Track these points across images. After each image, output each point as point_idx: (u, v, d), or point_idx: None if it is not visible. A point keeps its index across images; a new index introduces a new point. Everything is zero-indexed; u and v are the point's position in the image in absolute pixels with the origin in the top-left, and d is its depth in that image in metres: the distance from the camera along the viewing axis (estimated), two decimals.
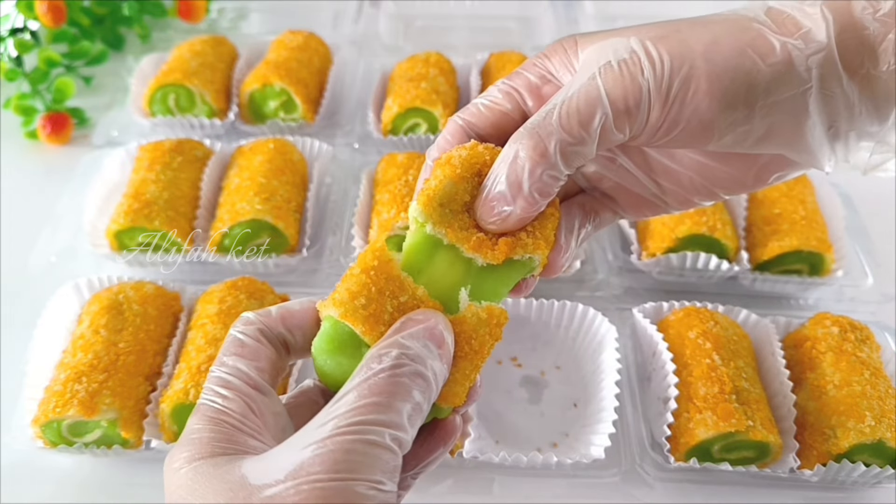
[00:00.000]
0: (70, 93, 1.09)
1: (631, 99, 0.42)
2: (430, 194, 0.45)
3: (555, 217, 0.47)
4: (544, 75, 0.47)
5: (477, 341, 0.42)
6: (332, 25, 1.30)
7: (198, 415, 0.40)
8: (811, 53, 0.42)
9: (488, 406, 0.75)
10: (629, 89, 0.42)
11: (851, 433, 0.65)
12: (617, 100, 0.42)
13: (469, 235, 0.45)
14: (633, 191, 0.51)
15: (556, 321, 0.80)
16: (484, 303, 0.43)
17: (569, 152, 0.42)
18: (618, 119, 0.42)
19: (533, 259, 0.45)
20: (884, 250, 0.89)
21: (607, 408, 0.69)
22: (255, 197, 0.84)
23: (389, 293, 0.42)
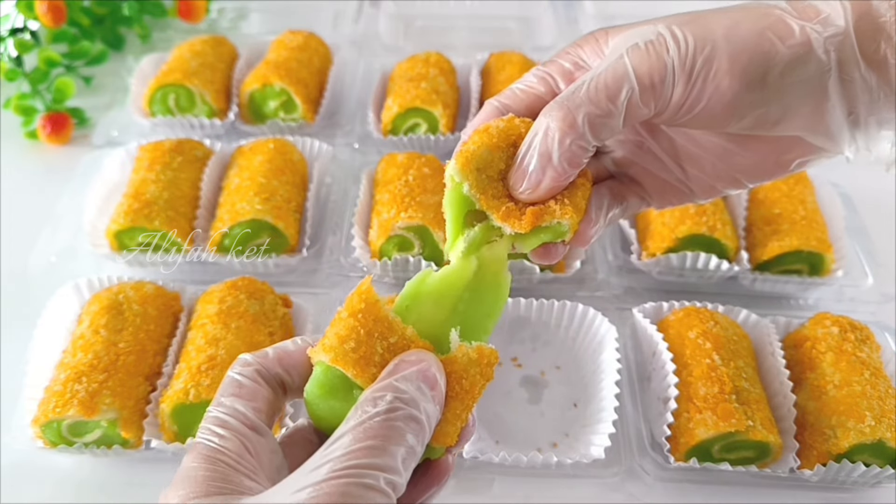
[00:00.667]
0: (70, 93, 1.09)
1: (656, 75, 0.44)
2: (467, 156, 0.46)
3: (586, 187, 0.48)
4: (577, 62, 0.50)
5: (468, 381, 0.42)
6: (332, 25, 1.30)
7: (193, 453, 0.40)
8: (829, 36, 0.43)
9: (488, 406, 0.75)
10: (655, 66, 0.44)
11: (851, 433, 0.65)
12: (643, 75, 0.44)
13: (500, 204, 0.46)
14: (659, 176, 0.53)
15: (556, 321, 0.80)
16: (474, 343, 0.43)
17: (597, 124, 0.44)
18: (644, 93, 0.44)
19: (562, 224, 0.46)
20: (884, 250, 0.89)
21: (607, 408, 0.69)
22: (255, 197, 0.84)
23: (379, 335, 0.42)
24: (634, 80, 0.44)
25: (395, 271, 0.82)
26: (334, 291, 0.84)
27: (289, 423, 0.68)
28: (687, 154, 0.51)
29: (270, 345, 0.70)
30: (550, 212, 0.46)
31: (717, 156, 0.50)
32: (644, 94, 0.44)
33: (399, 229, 0.81)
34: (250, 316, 0.72)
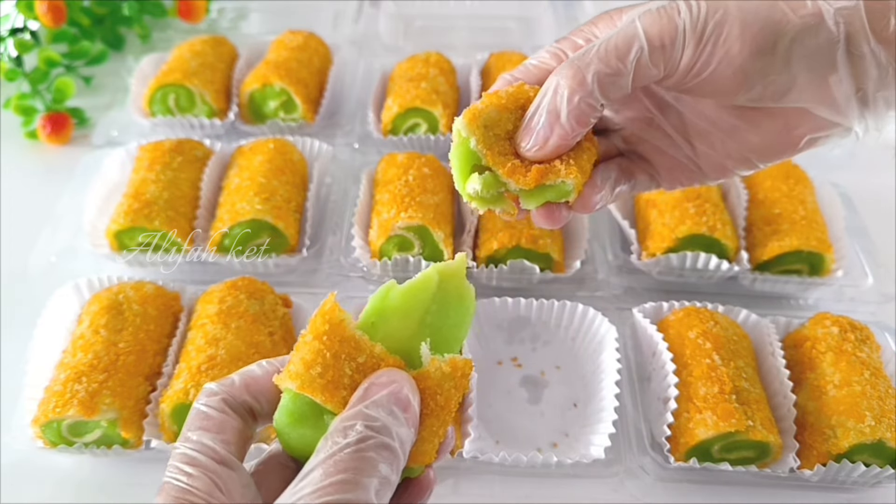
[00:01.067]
0: (70, 93, 1.09)
1: (666, 36, 0.44)
2: (475, 112, 0.47)
3: (591, 151, 0.49)
4: (589, 38, 0.50)
5: (443, 396, 0.40)
6: (332, 25, 1.30)
7: (163, 494, 0.38)
8: (840, 8, 0.43)
9: (488, 406, 0.75)
10: (665, 27, 0.44)
11: (851, 433, 0.65)
12: (653, 36, 0.45)
13: (505, 161, 0.47)
14: (668, 153, 0.53)
15: (556, 321, 0.80)
16: (447, 356, 0.41)
17: (606, 82, 0.45)
18: (653, 53, 0.45)
19: (566, 183, 0.47)
20: (884, 250, 0.89)
21: (607, 408, 0.69)
22: (255, 197, 0.84)
23: (346, 356, 0.40)
24: (644, 39, 0.44)
25: (395, 271, 0.82)
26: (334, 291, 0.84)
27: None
28: (696, 130, 0.51)
29: (271, 345, 0.71)
30: (555, 171, 0.47)
31: (727, 132, 0.50)
32: (654, 53, 0.45)
33: (399, 229, 0.81)
34: (250, 316, 0.72)
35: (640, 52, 0.44)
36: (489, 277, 0.83)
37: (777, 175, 0.90)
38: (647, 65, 0.45)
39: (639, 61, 0.45)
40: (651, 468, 0.69)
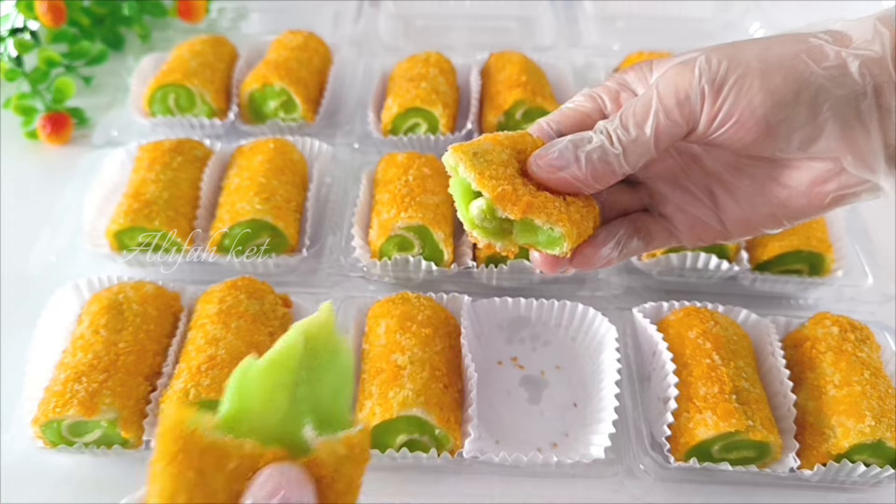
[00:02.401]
0: (70, 93, 1.08)
1: (682, 92, 0.45)
2: (463, 145, 0.47)
3: (591, 211, 0.49)
4: (623, 84, 0.52)
5: (343, 483, 0.35)
6: (332, 25, 1.30)
7: None
8: (865, 59, 0.44)
9: (489, 406, 0.75)
10: (680, 84, 0.46)
11: (851, 433, 0.65)
12: (667, 95, 0.46)
13: (496, 185, 0.46)
14: (690, 212, 0.54)
15: (556, 321, 0.80)
16: (338, 434, 0.35)
17: (629, 148, 0.46)
18: (670, 113, 0.46)
19: (553, 230, 0.46)
20: (884, 250, 0.89)
21: (607, 408, 0.69)
22: (255, 197, 0.84)
23: (212, 469, 0.33)
24: (658, 101, 0.46)
25: (395, 271, 0.82)
26: (334, 291, 0.84)
27: None
28: (722, 184, 0.52)
29: (271, 344, 0.70)
30: (546, 210, 0.46)
31: (754, 186, 0.50)
32: (671, 113, 0.46)
33: (399, 229, 0.81)
34: (250, 316, 0.72)
35: (658, 116, 0.46)
36: (489, 277, 0.83)
37: None
38: (668, 125, 0.46)
39: (658, 123, 0.46)
40: (651, 468, 0.69)
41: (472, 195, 0.48)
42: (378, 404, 0.65)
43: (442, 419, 0.65)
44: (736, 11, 1.34)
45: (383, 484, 0.69)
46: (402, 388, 0.65)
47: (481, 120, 1.03)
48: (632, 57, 1.13)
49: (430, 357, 0.69)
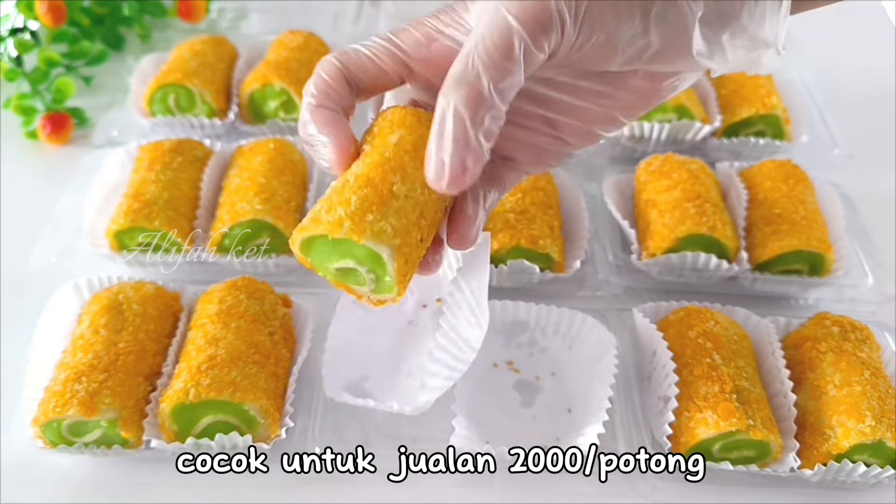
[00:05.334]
0: (70, 93, 1.08)
1: (542, 16, 0.42)
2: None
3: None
4: (430, 33, 0.49)
5: None
6: (332, 25, 1.30)
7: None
8: None
9: (480, 407, 0.74)
10: (536, 9, 0.42)
11: (852, 433, 0.65)
12: (528, 21, 0.42)
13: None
14: (531, 143, 0.52)
15: (555, 328, 0.79)
16: None
17: (503, 87, 0.42)
18: (535, 39, 0.42)
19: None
20: (884, 250, 0.89)
21: (600, 413, 0.69)
22: (255, 197, 0.84)
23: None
24: (521, 28, 0.42)
25: None
26: (334, 291, 0.84)
27: (288, 422, 0.68)
28: (560, 108, 0.50)
29: (271, 345, 0.71)
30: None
31: (593, 100, 0.50)
32: (536, 39, 0.42)
33: None
34: (250, 316, 0.72)
35: (523, 43, 0.42)
36: (490, 277, 0.83)
37: (777, 175, 0.90)
38: (532, 52, 0.42)
39: (525, 51, 0.42)
40: (651, 468, 0.69)
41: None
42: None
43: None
44: None
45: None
46: None
47: None
48: None
49: None
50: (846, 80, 1.10)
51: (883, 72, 1.21)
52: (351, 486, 0.68)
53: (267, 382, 0.68)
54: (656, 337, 0.73)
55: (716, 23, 0.46)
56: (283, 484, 0.68)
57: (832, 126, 1.06)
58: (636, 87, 0.49)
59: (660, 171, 0.90)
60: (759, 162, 0.94)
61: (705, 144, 1.01)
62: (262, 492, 0.68)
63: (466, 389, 0.73)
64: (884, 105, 1.16)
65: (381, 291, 0.49)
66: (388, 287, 0.48)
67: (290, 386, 0.71)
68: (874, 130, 1.12)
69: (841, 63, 1.22)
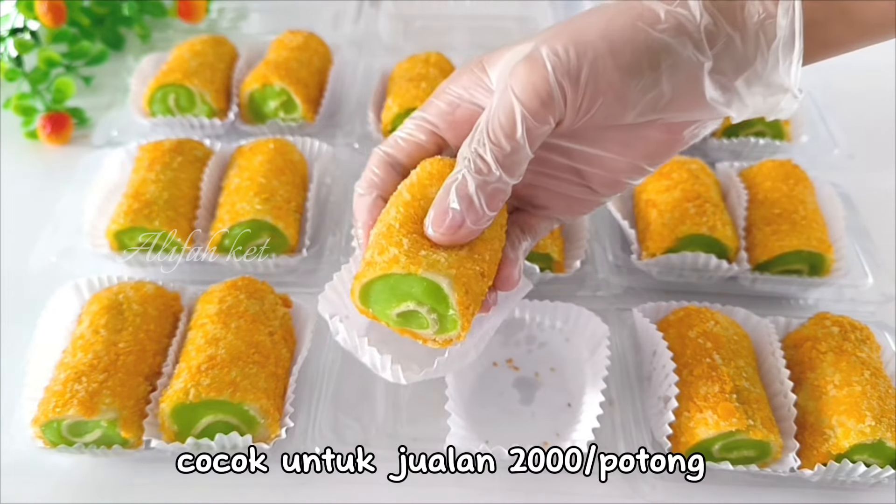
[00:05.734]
0: (70, 93, 1.08)
1: (542, 91, 0.46)
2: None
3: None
4: (453, 101, 0.53)
5: None
6: (332, 25, 1.30)
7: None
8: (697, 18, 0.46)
9: (480, 407, 0.74)
10: (537, 83, 0.46)
11: (852, 433, 0.65)
12: (529, 98, 0.46)
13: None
14: (562, 193, 0.55)
15: (551, 322, 0.79)
16: None
17: (507, 163, 0.47)
18: (536, 115, 0.46)
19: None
20: (884, 250, 0.89)
21: (597, 407, 0.69)
22: (255, 197, 0.84)
23: None
24: (521, 106, 0.46)
25: None
26: None
27: (288, 422, 0.68)
28: (585, 160, 0.54)
29: (271, 345, 0.71)
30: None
31: (616, 151, 0.52)
32: (537, 114, 0.46)
33: None
34: (250, 316, 0.72)
35: (526, 121, 0.46)
36: None
37: (777, 175, 0.90)
38: (536, 126, 0.46)
39: (527, 128, 0.46)
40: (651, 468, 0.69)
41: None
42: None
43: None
44: None
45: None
46: None
47: None
48: None
49: None
50: (846, 80, 1.09)
51: (883, 71, 1.21)
52: (351, 486, 0.68)
53: (267, 382, 0.68)
54: (656, 337, 0.73)
55: (730, 70, 0.47)
56: (283, 484, 0.68)
57: (832, 126, 1.06)
58: (655, 138, 0.51)
59: (659, 171, 0.89)
60: (759, 162, 0.94)
61: (705, 144, 1.01)
62: (262, 492, 0.68)
63: (466, 389, 0.73)
64: (884, 105, 1.16)
65: (446, 330, 0.52)
66: (452, 323, 0.50)
67: (290, 386, 0.71)
68: (874, 130, 1.12)
69: (841, 63, 1.22)
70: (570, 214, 0.57)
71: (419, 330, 0.53)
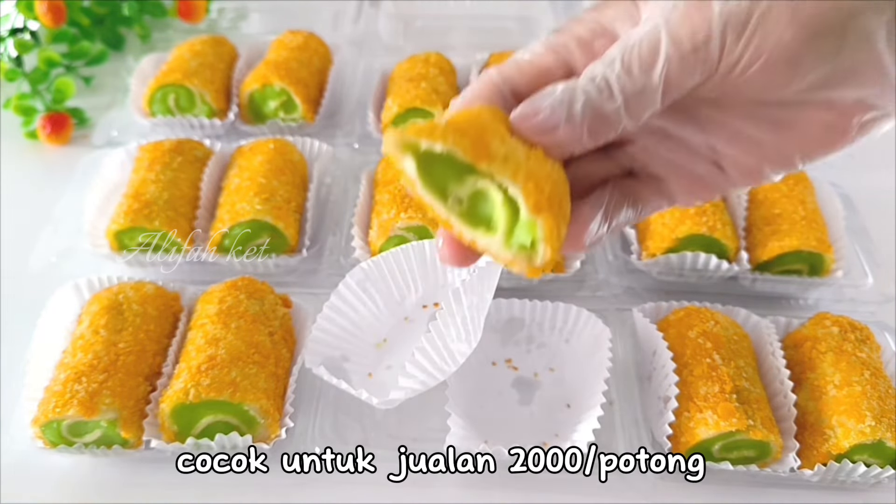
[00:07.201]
0: (70, 93, 1.09)
1: (700, 32, 0.37)
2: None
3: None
4: (596, 28, 0.43)
5: None
6: (332, 25, 1.30)
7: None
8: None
9: (479, 407, 0.74)
10: (697, 22, 0.37)
11: (852, 433, 0.65)
12: (682, 38, 0.38)
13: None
14: (687, 168, 0.45)
15: (551, 323, 0.79)
16: None
17: (632, 101, 0.39)
18: (685, 60, 0.38)
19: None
20: (884, 250, 0.89)
21: (596, 406, 0.69)
22: (255, 197, 0.84)
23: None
24: (670, 44, 0.38)
25: None
26: None
27: (288, 422, 0.68)
28: (726, 135, 0.43)
29: (271, 345, 0.71)
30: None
31: (766, 131, 0.42)
32: (685, 59, 0.38)
33: (399, 230, 0.81)
34: (250, 316, 0.72)
35: (670, 62, 0.38)
36: None
37: None
38: (681, 73, 0.38)
39: (669, 72, 0.38)
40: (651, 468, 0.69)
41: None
42: None
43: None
44: None
45: None
46: None
47: None
48: None
49: None
50: None
51: None
52: (351, 486, 0.68)
53: (267, 382, 0.68)
54: (656, 337, 0.73)
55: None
56: (283, 484, 0.68)
57: None
58: (819, 121, 0.41)
59: None
60: None
61: None
62: (262, 492, 0.68)
63: (465, 389, 0.73)
64: None
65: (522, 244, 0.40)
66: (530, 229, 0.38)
67: (290, 386, 0.71)
68: None
69: None
70: (688, 195, 0.46)
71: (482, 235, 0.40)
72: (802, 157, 0.43)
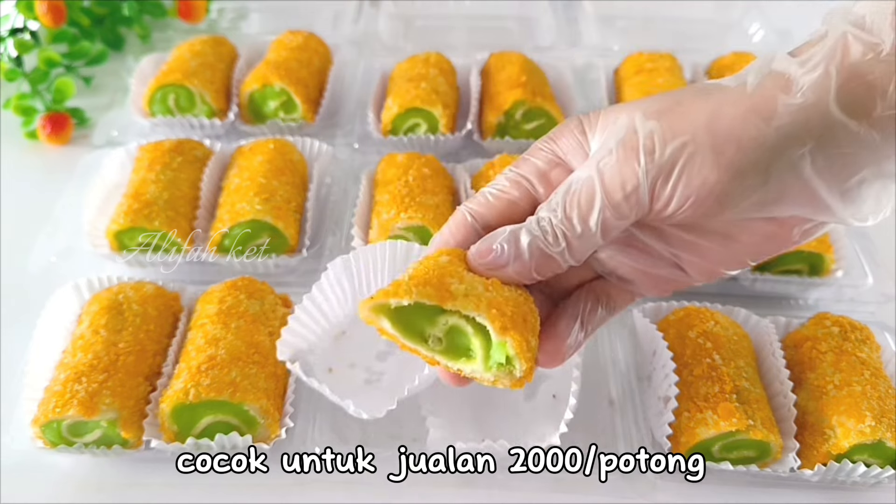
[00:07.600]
0: (70, 93, 1.09)
1: (628, 183, 0.43)
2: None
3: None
4: (552, 159, 0.48)
5: None
6: (332, 25, 1.30)
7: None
8: (816, 108, 0.40)
9: (475, 406, 0.73)
10: (625, 174, 0.43)
11: (852, 433, 0.65)
12: (613, 188, 0.43)
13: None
14: (652, 273, 0.50)
15: None
16: None
17: (574, 245, 0.44)
18: (617, 207, 0.43)
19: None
20: (884, 250, 0.89)
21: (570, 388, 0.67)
22: (255, 197, 0.84)
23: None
24: (604, 194, 0.43)
25: None
26: None
27: (288, 422, 0.68)
28: (683, 245, 0.48)
29: (271, 345, 0.71)
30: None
31: (717, 242, 0.47)
32: (618, 207, 0.43)
33: (399, 230, 0.81)
34: (250, 316, 0.72)
35: (604, 211, 0.43)
36: None
37: None
38: (615, 217, 0.43)
39: (604, 219, 0.43)
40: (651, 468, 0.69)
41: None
42: None
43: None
44: (736, 11, 1.34)
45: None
46: None
47: (481, 120, 1.03)
48: (632, 57, 1.13)
49: None
50: None
51: None
52: (351, 486, 0.68)
53: (267, 382, 0.68)
54: (656, 337, 0.73)
55: (865, 169, 0.41)
56: (283, 484, 0.68)
57: None
58: (761, 231, 0.46)
59: None
60: None
61: None
62: (262, 492, 0.68)
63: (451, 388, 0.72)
64: None
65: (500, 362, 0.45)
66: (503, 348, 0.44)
67: (290, 386, 0.71)
68: None
69: None
70: (656, 292, 0.51)
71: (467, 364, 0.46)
72: (753, 259, 0.48)
